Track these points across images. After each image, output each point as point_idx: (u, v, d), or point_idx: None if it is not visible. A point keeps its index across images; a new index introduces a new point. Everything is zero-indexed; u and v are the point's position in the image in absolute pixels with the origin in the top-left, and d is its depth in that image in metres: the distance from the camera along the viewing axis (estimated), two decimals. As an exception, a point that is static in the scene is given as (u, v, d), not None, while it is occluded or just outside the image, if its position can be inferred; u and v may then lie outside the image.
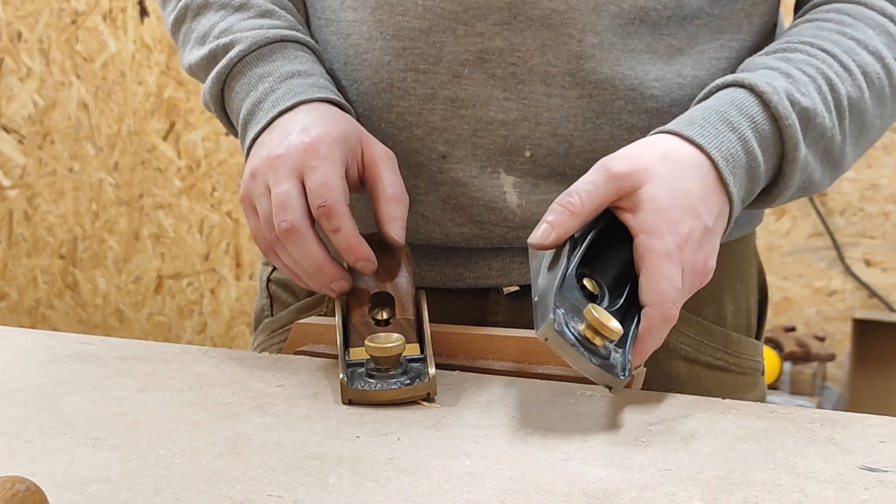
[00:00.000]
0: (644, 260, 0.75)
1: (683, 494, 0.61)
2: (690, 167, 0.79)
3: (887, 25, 0.90)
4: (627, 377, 0.72)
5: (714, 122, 0.81)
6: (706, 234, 0.78)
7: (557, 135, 0.89)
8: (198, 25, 0.96)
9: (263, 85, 0.90)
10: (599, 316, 0.71)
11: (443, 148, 0.90)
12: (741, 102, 0.82)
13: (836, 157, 0.87)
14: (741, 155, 0.80)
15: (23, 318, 3.13)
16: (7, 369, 0.83)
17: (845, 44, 0.88)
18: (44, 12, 2.98)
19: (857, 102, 0.87)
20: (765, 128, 0.82)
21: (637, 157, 0.78)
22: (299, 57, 0.92)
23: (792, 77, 0.84)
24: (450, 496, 0.61)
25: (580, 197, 0.76)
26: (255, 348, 1.04)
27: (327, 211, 0.80)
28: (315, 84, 0.89)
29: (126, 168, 2.99)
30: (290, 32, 0.93)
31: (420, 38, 0.89)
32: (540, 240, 0.76)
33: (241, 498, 0.60)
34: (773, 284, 2.55)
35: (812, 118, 0.84)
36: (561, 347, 0.70)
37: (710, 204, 0.78)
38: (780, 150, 0.83)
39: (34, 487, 0.53)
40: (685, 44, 0.91)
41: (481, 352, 0.84)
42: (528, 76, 0.88)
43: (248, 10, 0.94)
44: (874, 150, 2.48)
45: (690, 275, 0.77)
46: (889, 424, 0.71)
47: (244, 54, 0.91)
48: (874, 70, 0.88)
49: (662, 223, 0.76)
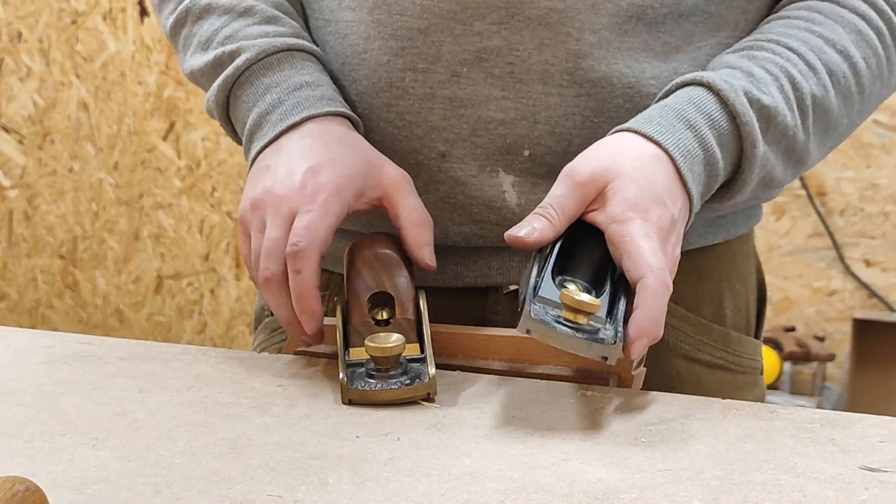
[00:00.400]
0: (622, 245, 0.76)
1: (683, 494, 0.61)
2: (652, 161, 0.80)
3: (858, 24, 0.90)
4: (619, 343, 0.72)
5: (671, 120, 0.82)
6: (673, 223, 0.79)
7: (556, 134, 0.89)
8: (200, 30, 0.95)
9: (271, 96, 0.89)
10: (573, 294, 0.72)
11: (442, 147, 0.90)
12: (699, 100, 0.83)
13: (798, 154, 0.88)
14: (698, 151, 0.82)
15: (23, 318, 3.13)
16: (7, 369, 0.83)
17: (813, 42, 0.88)
18: (44, 12, 2.98)
19: (821, 101, 0.87)
20: (723, 125, 0.83)
21: (598, 157, 0.80)
22: (307, 67, 0.91)
23: (753, 75, 0.85)
24: (450, 496, 0.61)
25: (554, 209, 0.79)
26: (255, 348, 1.04)
27: (296, 251, 0.80)
28: (323, 96, 0.89)
29: (126, 168, 2.99)
30: (296, 41, 0.92)
31: (418, 37, 0.89)
32: (519, 233, 0.78)
33: (241, 498, 0.60)
34: (773, 284, 2.55)
35: (773, 116, 0.84)
36: (544, 334, 0.71)
37: (674, 195, 0.80)
38: (738, 146, 0.84)
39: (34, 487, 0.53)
40: (681, 41, 0.91)
41: (481, 352, 0.84)
42: (527, 75, 0.88)
43: (252, 15, 0.94)
44: (874, 150, 2.48)
45: (666, 260, 0.78)
46: (889, 424, 0.71)
47: (251, 63, 0.91)
48: (840, 69, 0.88)
49: (631, 211, 0.77)
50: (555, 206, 0.79)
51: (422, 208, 0.85)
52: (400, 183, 0.85)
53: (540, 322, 0.71)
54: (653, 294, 0.75)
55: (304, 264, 0.80)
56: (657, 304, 0.75)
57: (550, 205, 0.79)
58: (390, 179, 0.85)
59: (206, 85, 0.94)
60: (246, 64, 0.91)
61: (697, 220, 0.94)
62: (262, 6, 0.94)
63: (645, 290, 0.75)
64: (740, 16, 0.93)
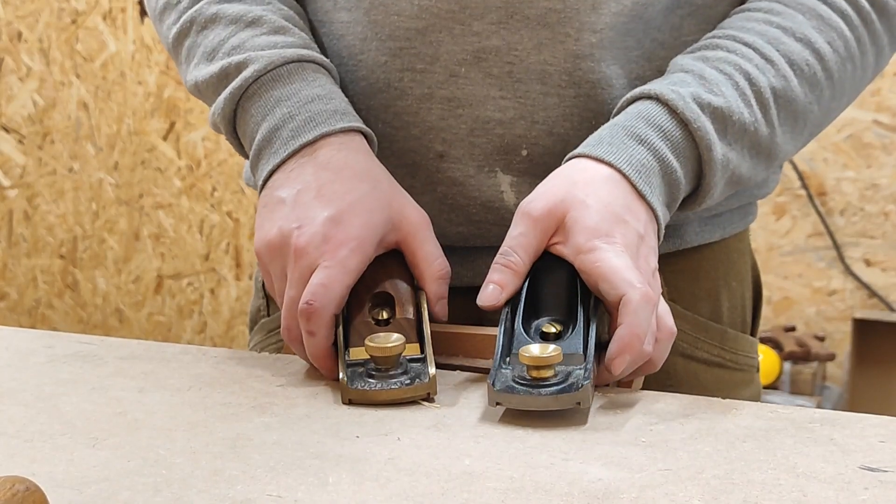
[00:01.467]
0: (594, 271, 0.76)
1: (683, 494, 0.61)
2: (605, 182, 0.80)
3: (818, 8, 0.89)
4: (589, 381, 0.72)
5: (621, 138, 0.82)
6: (639, 238, 0.79)
7: (554, 134, 0.89)
8: (205, 40, 0.91)
9: (281, 109, 0.86)
10: (528, 353, 0.72)
11: (440, 147, 0.90)
12: (647, 113, 0.83)
13: (766, 148, 0.87)
14: (653, 164, 0.81)
15: (23, 318, 3.13)
16: (7, 369, 0.83)
17: (770, 33, 0.88)
18: (44, 12, 2.98)
19: (783, 92, 0.87)
20: (675, 134, 0.83)
21: (551, 191, 0.80)
22: (318, 79, 0.88)
23: (704, 78, 0.85)
24: (450, 496, 0.61)
25: (517, 254, 0.79)
26: (252, 349, 1.04)
27: (310, 311, 0.78)
28: (336, 110, 0.86)
29: (126, 168, 2.99)
30: (306, 52, 0.88)
31: (416, 37, 0.89)
32: (491, 301, 0.78)
33: (241, 498, 0.60)
34: (773, 284, 2.56)
35: (727, 116, 0.84)
36: (511, 402, 0.72)
37: (634, 211, 0.79)
38: (696, 153, 0.84)
39: (34, 487, 0.53)
40: (668, 36, 0.91)
41: (481, 352, 0.84)
42: (525, 75, 0.88)
43: (260, 25, 0.89)
44: (874, 150, 2.48)
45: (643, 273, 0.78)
46: (889, 424, 0.71)
47: (260, 74, 0.86)
48: (801, 58, 0.87)
49: (594, 238, 0.77)
50: (515, 249, 0.79)
51: (442, 258, 0.83)
52: (420, 228, 0.83)
53: (505, 391, 0.72)
54: (634, 309, 0.74)
55: (318, 326, 0.78)
56: (639, 318, 0.74)
57: (511, 248, 0.79)
58: (410, 225, 0.83)
59: (212, 97, 0.90)
60: (254, 75, 0.86)
61: (693, 219, 0.95)
62: (271, 16, 0.90)
63: (627, 305, 0.74)
64: (728, 8, 0.93)
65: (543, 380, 0.72)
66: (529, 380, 0.72)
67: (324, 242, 0.79)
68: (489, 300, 0.78)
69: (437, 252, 0.83)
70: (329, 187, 0.82)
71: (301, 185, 0.82)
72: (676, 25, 0.91)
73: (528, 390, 0.72)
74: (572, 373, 0.73)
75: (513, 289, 0.78)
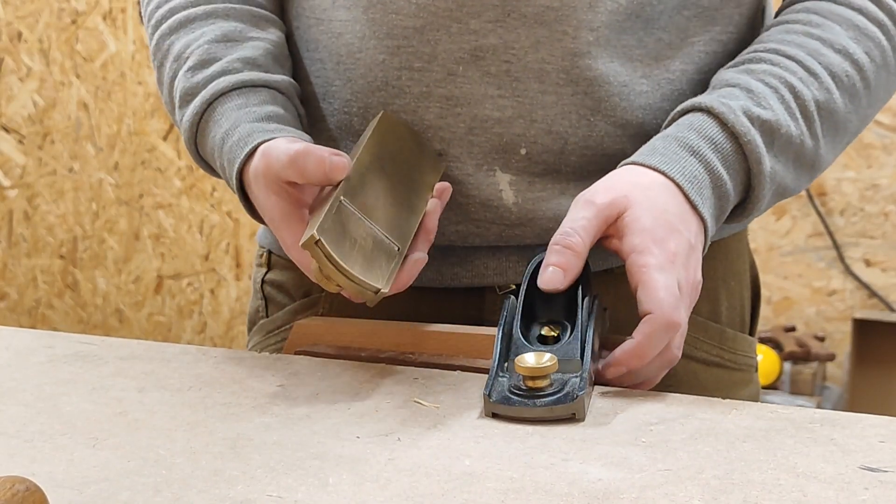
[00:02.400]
0: (638, 275, 0.77)
1: (683, 494, 0.61)
2: (662, 189, 0.81)
3: (855, 19, 0.90)
4: (585, 390, 0.72)
5: (674, 149, 0.83)
6: (690, 250, 0.80)
7: (552, 132, 0.89)
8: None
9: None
10: (524, 363, 0.72)
11: (438, 146, 0.90)
12: (699, 126, 0.84)
13: (809, 160, 0.89)
14: (705, 176, 0.83)
15: (23, 318, 3.13)
16: (7, 369, 0.83)
17: (811, 45, 0.89)
18: (44, 12, 2.98)
19: (825, 104, 0.88)
20: (726, 147, 0.84)
21: (613, 186, 0.81)
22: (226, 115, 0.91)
23: (752, 91, 0.86)
24: (450, 496, 0.61)
25: (579, 235, 0.79)
26: (250, 350, 1.04)
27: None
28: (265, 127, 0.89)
29: (126, 168, 2.99)
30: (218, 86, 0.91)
31: (414, 36, 0.89)
32: (553, 284, 0.78)
33: (241, 498, 0.60)
34: (773, 284, 2.56)
35: (776, 129, 0.85)
36: (508, 412, 0.72)
37: (688, 222, 0.81)
38: (745, 165, 0.85)
39: (34, 487, 0.53)
40: (675, 37, 0.91)
41: (481, 352, 0.84)
42: (523, 74, 0.88)
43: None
44: (874, 151, 2.48)
45: (686, 287, 0.79)
46: (889, 424, 0.71)
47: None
48: (842, 69, 0.89)
49: (650, 241, 0.78)
50: (577, 231, 0.79)
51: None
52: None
53: (500, 402, 0.72)
54: (651, 331, 0.76)
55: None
56: (651, 341, 0.76)
57: (573, 229, 0.79)
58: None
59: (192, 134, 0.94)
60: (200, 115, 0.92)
61: None
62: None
63: (647, 324, 0.76)
64: (734, 9, 0.93)
65: (539, 390, 0.72)
66: (525, 389, 0.72)
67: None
68: (551, 283, 0.78)
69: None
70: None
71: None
72: (682, 26, 0.91)
73: (523, 401, 0.72)
74: (569, 381, 0.73)
75: (576, 271, 0.78)
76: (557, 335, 0.78)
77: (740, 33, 0.95)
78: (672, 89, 0.91)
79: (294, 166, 0.81)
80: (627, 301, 0.81)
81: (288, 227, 0.84)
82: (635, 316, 0.77)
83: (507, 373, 0.75)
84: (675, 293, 0.77)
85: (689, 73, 0.92)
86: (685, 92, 0.92)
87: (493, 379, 0.74)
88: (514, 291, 0.92)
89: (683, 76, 0.92)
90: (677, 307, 0.76)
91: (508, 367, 0.75)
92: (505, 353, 0.76)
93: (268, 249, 1.05)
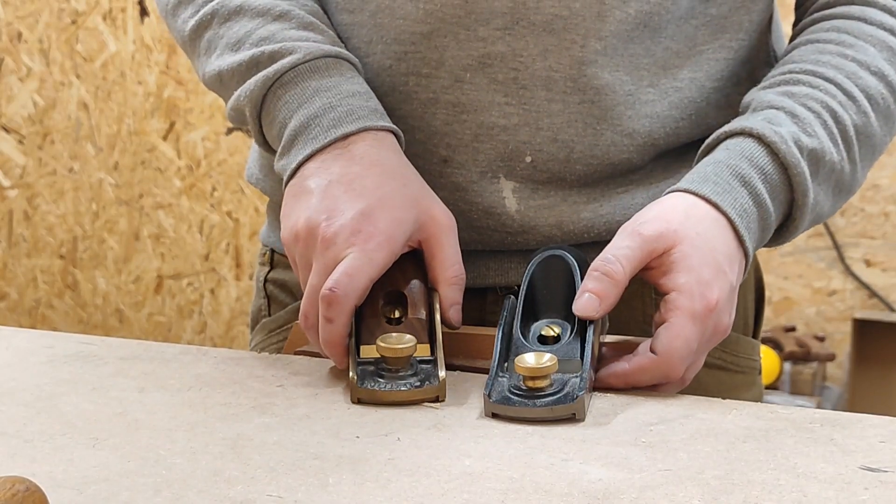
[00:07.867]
0: (669, 313, 0.77)
1: (683, 494, 0.61)
2: (713, 225, 0.80)
3: (888, 40, 0.90)
4: (585, 390, 0.72)
5: (727, 178, 0.82)
6: (731, 292, 0.80)
7: (558, 140, 0.89)
8: (229, 31, 0.90)
9: (321, 99, 0.85)
10: (523, 363, 0.72)
11: (444, 152, 0.90)
12: (751, 154, 0.83)
13: (847, 185, 0.89)
14: (753, 209, 0.82)
15: (23, 318, 3.13)
16: (7, 369, 0.83)
17: (848, 68, 0.88)
18: (44, 12, 2.98)
19: (863, 129, 0.88)
20: (774, 178, 0.83)
21: (664, 218, 0.79)
22: (356, 77, 0.88)
23: (797, 116, 0.85)
24: (450, 496, 0.61)
25: (621, 263, 0.77)
26: (253, 349, 1.04)
27: (332, 298, 0.77)
28: (376, 110, 0.86)
29: (126, 168, 2.99)
30: (342, 50, 0.88)
31: (421, 42, 0.89)
32: (588, 311, 0.77)
33: (241, 498, 0.60)
34: (773, 284, 2.55)
35: (820, 158, 0.85)
36: (507, 412, 0.72)
37: (733, 261, 0.80)
38: (789, 196, 0.84)
39: (34, 487, 0.53)
40: (683, 45, 0.91)
41: (481, 352, 0.84)
42: (530, 81, 0.88)
43: (289, 20, 0.89)
44: (874, 150, 2.48)
45: (712, 335, 0.79)
46: (889, 424, 0.71)
47: (297, 63, 0.86)
48: (878, 91, 0.88)
49: (694, 284, 0.77)
50: (619, 259, 0.77)
51: (458, 263, 0.82)
52: (445, 230, 0.82)
53: (500, 402, 0.72)
54: (646, 369, 0.77)
55: (337, 314, 0.77)
56: (642, 377, 0.77)
57: (616, 257, 0.78)
58: (436, 226, 0.82)
59: (235, 85, 0.89)
60: (292, 64, 0.86)
61: None
62: (299, 12, 0.90)
63: (646, 359, 0.76)
64: (744, 16, 0.93)
65: (539, 390, 0.72)
66: (525, 390, 0.72)
67: (352, 234, 0.78)
68: (586, 311, 0.77)
69: (455, 257, 0.82)
70: (360, 181, 0.81)
71: (332, 176, 0.82)
72: (691, 35, 0.91)
73: (523, 401, 0.72)
74: (568, 381, 0.74)
75: (612, 300, 0.77)
76: (557, 335, 0.78)
77: (750, 39, 0.94)
78: (680, 98, 0.91)
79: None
80: (628, 301, 0.81)
81: (373, 222, 0.80)
82: (635, 316, 0.77)
83: (507, 373, 0.75)
84: (690, 349, 0.76)
85: (700, 80, 0.91)
86: (694, 100, 0.91)
87: (493, 379, 0.74)
88: (514, 292, 0.92)
89: (693, 84, 0.91)
90: (683, 363, 0.77)
91: (508, 367, 0.75)
92: (505, 354, 0.77)
93: (270, 248, 1.05)
